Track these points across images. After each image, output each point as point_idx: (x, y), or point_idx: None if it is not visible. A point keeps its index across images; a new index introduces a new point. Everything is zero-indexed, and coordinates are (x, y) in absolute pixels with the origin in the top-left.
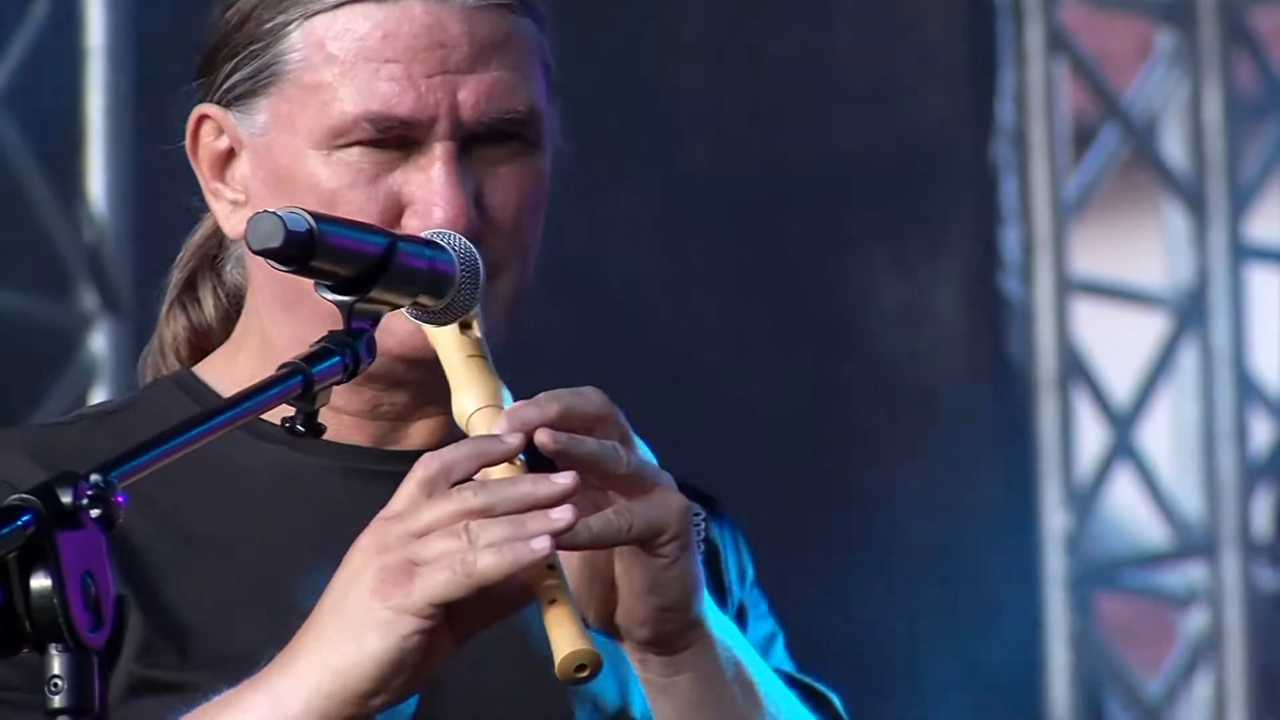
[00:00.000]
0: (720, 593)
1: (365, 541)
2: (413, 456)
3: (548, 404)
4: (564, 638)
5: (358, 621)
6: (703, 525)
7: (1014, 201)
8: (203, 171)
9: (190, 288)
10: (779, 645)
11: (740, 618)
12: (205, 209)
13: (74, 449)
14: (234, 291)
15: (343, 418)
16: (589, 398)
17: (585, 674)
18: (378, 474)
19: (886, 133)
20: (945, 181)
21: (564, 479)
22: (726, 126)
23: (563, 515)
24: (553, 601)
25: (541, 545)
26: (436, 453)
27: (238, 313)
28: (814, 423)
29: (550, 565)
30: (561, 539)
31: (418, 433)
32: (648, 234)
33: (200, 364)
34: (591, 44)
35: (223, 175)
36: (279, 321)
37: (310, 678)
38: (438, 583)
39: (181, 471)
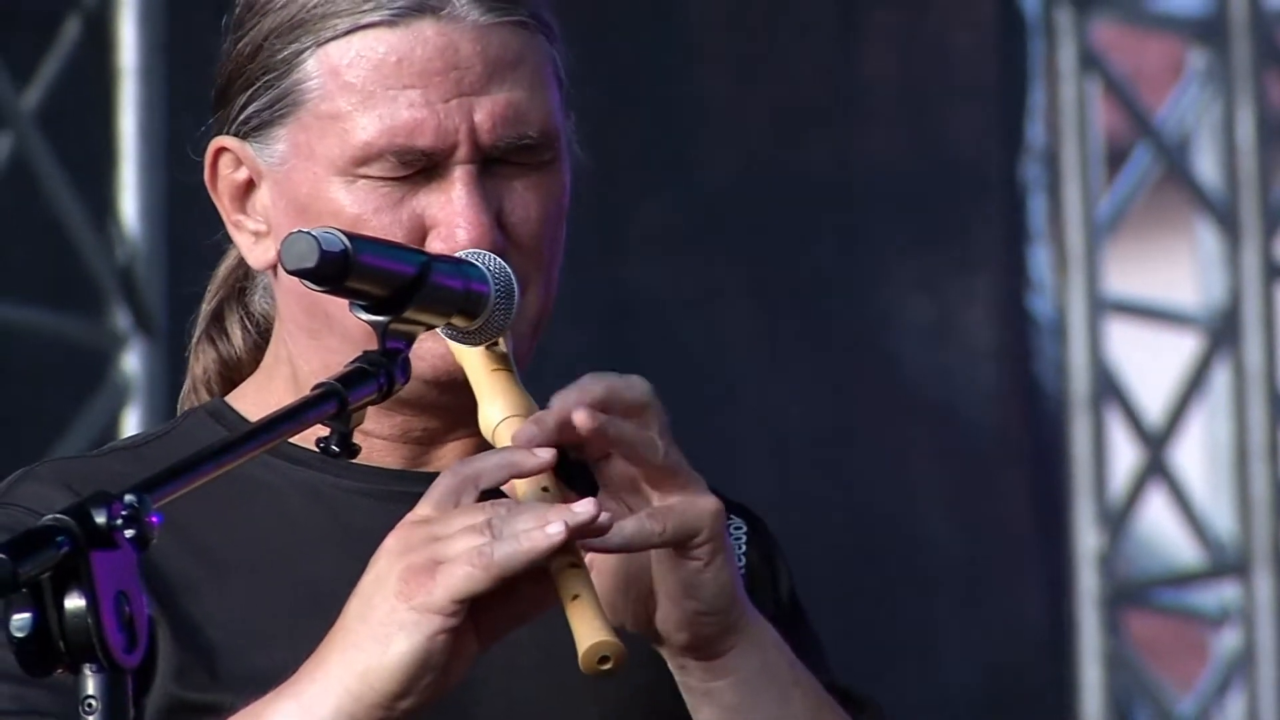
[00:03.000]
0: (757, 608)
1: (390, 544)
2: None
3: (591, 385)
4: (586, 630)
5: (383, 623)
6: (743, 540)
7: (1042, 221)
8: (223, 204)
9: (218, 320)
10: (822, 657)
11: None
12: (230, 243)
13: (106, 479)
14: (262, 321)
15: (373, 441)
16: (634, 385)
17: (608, 665)
18: (408, 496)
19: (915, 150)
20: (974, 200)
21: (586, 506)
22: (752, 142)
23: (585, 509)
24: (575, 597)
25: (556, 530)
26: (466, 460)
27: (266, 342)
28: (841, 440)
29: (573, 564)
30: (594, 542)
31: (449, 455)
32: (673, 249)
33: (232, 394)
34: (615, 59)
35: (244, 207)
36: (306, 350)
37: (338, 682)
38: (458, 578)
39: (211, 494)
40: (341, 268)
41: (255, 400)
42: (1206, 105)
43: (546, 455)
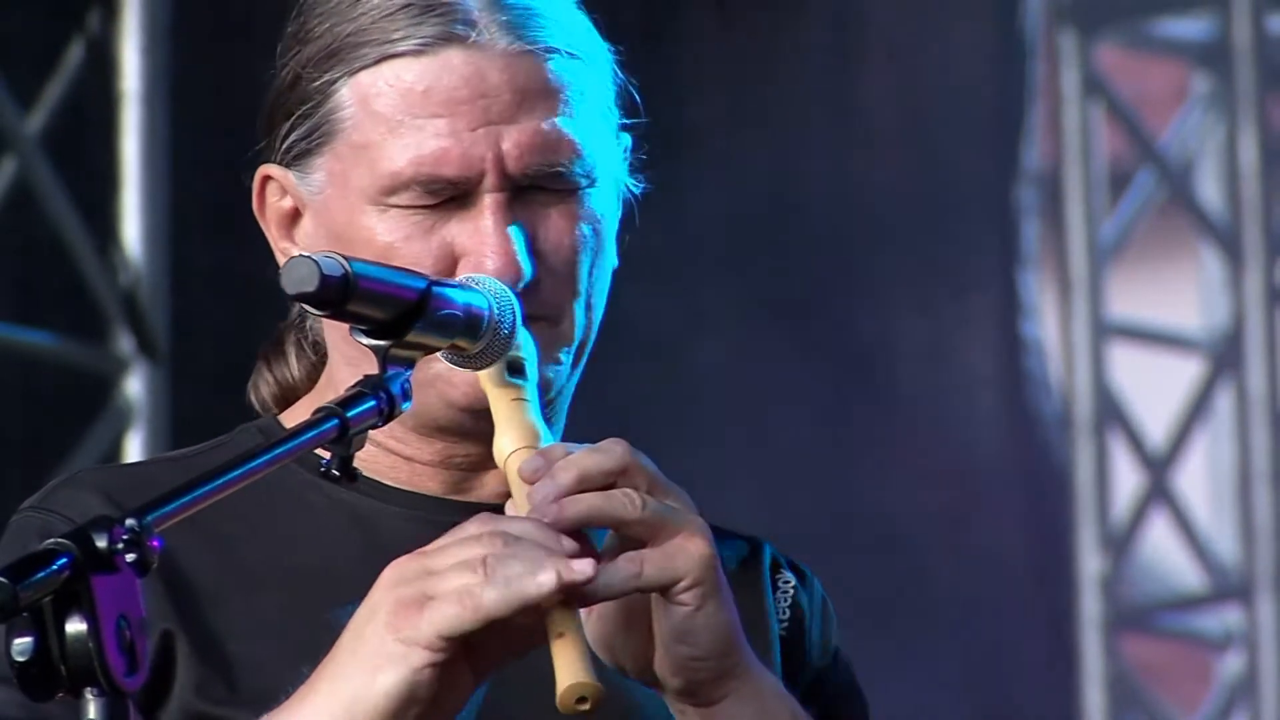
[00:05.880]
0: (797, 661)
1: (385, 576)
2: (482, 508)
3: (562, 473)
4: (566, 669)
5: (372, 655)
6: (790, 593)
7: (1038, 245)
8: (271, 231)
9: (278, 344)
10: (863, 714)
11: (817, 687)
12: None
13: (146, 486)
14: (318, 345)
15: (416, 466)
16: (608, 453)
17: (586, 706)
18: (445, 525)
19: (912, 173)
20: (970, 223)
21: (585, 566)
22: (748, 166)
23: (583, 569)
24: (561, 635)
25: (547, 579)
26: (496, 518)
27: (323, 365)
28: (836, 463)
29: (563, 601)
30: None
31: (490, 483)
32: (666, 273)
33: (286, 411)
34: None
35: (290, 234)
36: (347, 375)
37: (325, 711)
38: (445, 616)
39: (250, 509)
40: (342, 293)
41: (303, 419)
42: (1210, 129)
43: (572, 545)
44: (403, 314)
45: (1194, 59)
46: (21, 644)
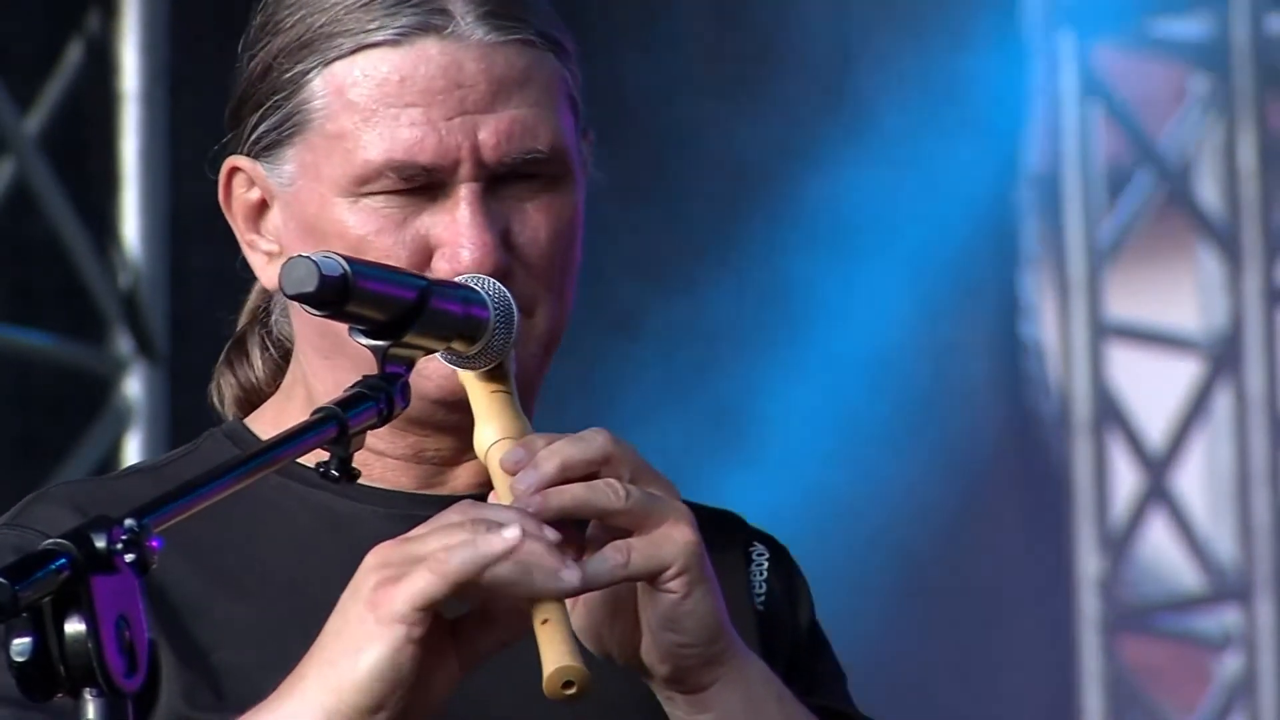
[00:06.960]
0: (775, 637)
1: (369, 560)
2: (455, 501)
3: (545, 463)
4: (552, 654)
5: (354, 636)
6: (765, 567)
7: (1037, 246)
8: (237, 223)
9: (240, 345)
10: (842, 687)
11: (796, 661)
12: (249, 271)
13: (120, 500)
14: (281, 344)
15: (387, 461)
16: (590, 442)
17: (572, 691)
18: (419, 519)
19: (910, 175)
20: (969, 224)
21: (556, 533)
22: (745, 167)
23: (555, 534)
24: (545, 621)
25: (512, 534)
26: (478, 505)
27: (287, 365)
28: (837, 466)
29: None
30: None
31: (462, 476)
32: (664, 276)
33: (251, 415)
34: (604, 87)
35: (257, 226)
36: (319, 371)
37: (314, 698)
38: (417, 586)
39: (225, 515)
40: (341, 292)
41: (273, 422)
42: (1208, 130)
43: (554, 536)
44: (401, 315)
45: (1192, 60)
46: (21, 644)
